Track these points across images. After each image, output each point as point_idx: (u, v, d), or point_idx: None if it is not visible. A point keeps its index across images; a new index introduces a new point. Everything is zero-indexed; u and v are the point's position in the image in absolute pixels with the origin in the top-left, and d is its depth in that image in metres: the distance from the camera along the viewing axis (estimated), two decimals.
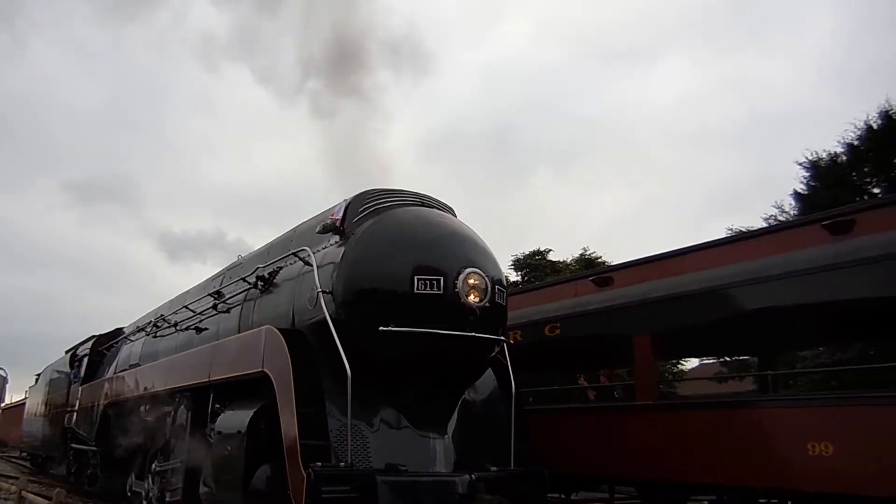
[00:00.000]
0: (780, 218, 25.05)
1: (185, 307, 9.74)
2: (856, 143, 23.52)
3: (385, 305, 5.95)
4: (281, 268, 7.54)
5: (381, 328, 5.81)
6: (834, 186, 23.20)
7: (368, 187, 6.97)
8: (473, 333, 5.97)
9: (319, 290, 6.14)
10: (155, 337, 10.99)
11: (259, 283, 7.68)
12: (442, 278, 5.91)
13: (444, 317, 5.91)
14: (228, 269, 9.59)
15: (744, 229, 25.03)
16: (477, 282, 5.97)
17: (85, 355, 14.63)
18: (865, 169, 23.71)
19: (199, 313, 9.28)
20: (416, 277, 5.88)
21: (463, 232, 6.41)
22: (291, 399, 5.73)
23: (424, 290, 5.87)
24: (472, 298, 5.94)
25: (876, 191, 22.56)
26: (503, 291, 6.35)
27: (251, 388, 6.75)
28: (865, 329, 9.86)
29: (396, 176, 7.08)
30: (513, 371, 6.67)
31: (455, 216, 7.05)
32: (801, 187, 24.84)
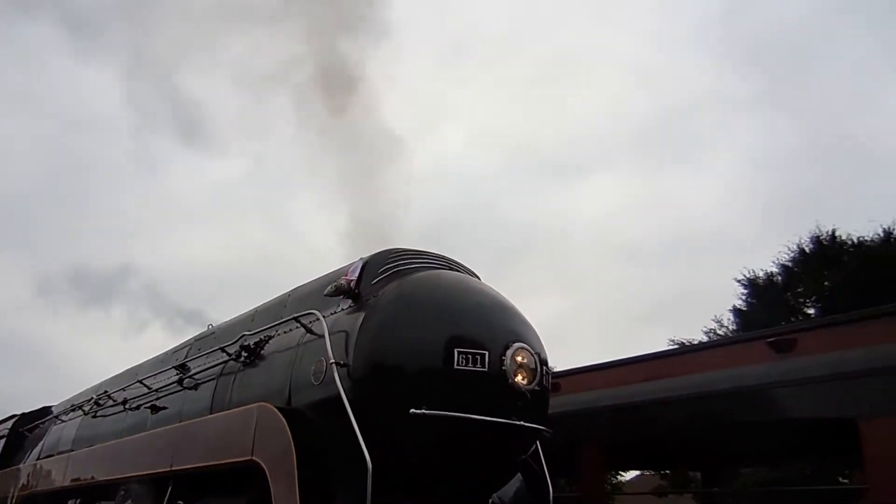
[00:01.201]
0: (720, 332, 25.14)
1: (140, 382, 8.15)
2: (790, 264, 23.98)
3: (416, 383, 4.81)
4: (271, 337, 6.27)
5: (412, 410, 4.60)
6: (771, 304, 23.42)
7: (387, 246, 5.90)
8: (522, 422, 4.82)
9: (332, 360, 4.92)
10: (95, 417, 9.23)
11: (242, 354, 6.33)
12: (487, 353, 4.84)
13: (489, 400, 4.81)
14: (197, 339, 8.16)
15: (685, 341, 24.87)
16: (526, 360, 4.92)
17: (2, 436, 12.38)
18: (799, 290, 24.06)
19: (157, 390, 7.77)
20: (456, 351, 4.76)
21: (505, 301, 5.40)
22: (295, 496, 4.41)
23: (466, 366, 4.77)
24: (520, 379, 4.90)
25: (810, 311, 22.88)
26: (549, 374, 5.26)
27: (226, 483, 5.36)
28: (804, 448, 9.73)
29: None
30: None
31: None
32: (739, 303, 25.01)
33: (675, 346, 22.10)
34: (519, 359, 4.88)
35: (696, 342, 23.60)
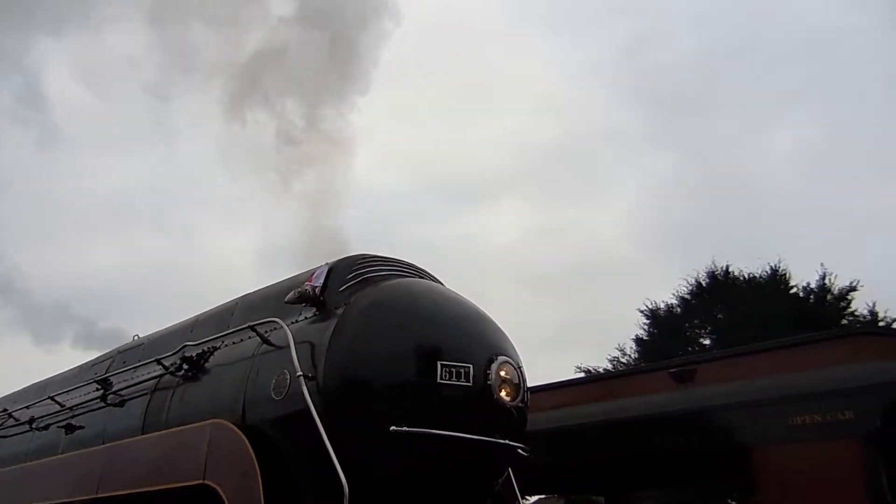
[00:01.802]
0: (623, 360, 25.71)
1: (51, 399, 7.22)
2: (688, 297, 24.90)
3: (395, 398, 4.42)
4: (217, 348, 5.66)
5: (392, 428, 4.18)
6: (670, 335, 24.20)
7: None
8: (507, 441, 4.50)
9: (300, 373, 4.44)
10: None
11: (183, 366, 5.68)
12: (471, 367, 4.48)
13: (473, 416, 4.46)
14: (121, 351, 7.33)
15: (592, 369, 25.26)
16: (509, 375, 4.63)
17: None
18: (696, 321, 25.00)
19: (72, 407, 6.88)
20: (439, 364, 4.40)
21: (483, 312, 5.12)
22: None
23: (450, 380, 4.41)
24: (504, 395, 4.58)
25: (706, 342, 23.81)
26: (528, 390, 4.97)
27: None
28: (701, 473, 9.94)
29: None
30: None
31: None
32: (641, 332, 25.69)
33: (582, 375, 22.46)
34: (503, 373, 4.58)
35: (602, 369, 24.08)
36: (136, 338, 7.37)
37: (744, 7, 45.44)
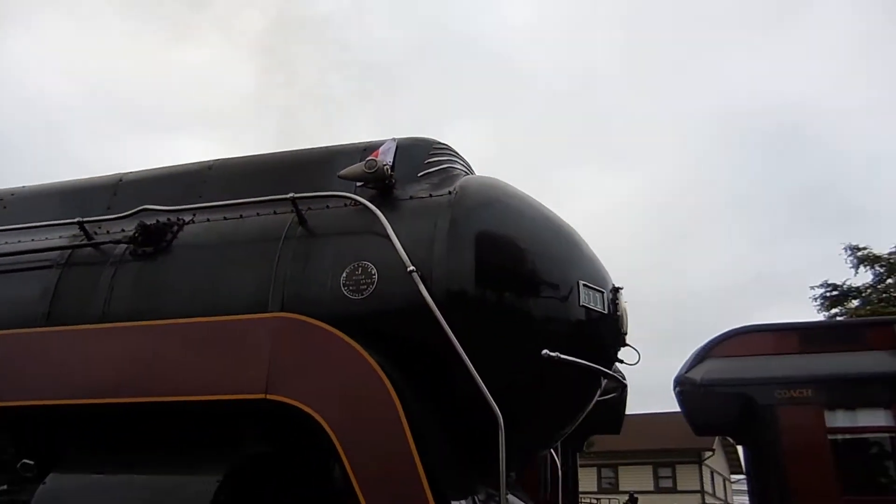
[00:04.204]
0: None
1: None
2: None
3: (541, 317, 3.41)
4: (184, 221, 3.93)
5: (545, 352, 3.24)
6: None
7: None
8: (625, 381, 3.83)
9: (412, 268, 3.23)
10: None
11: (138, 237, 3.82)
12: (603, 293, 3.68)
13: (605, 348, 3.67)
14: None
15: None
16: (625, 307, 3.89)
17: None
18: None
19: None
20: (581, 284, 3.54)
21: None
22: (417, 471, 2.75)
23: (590, 304, 3.56)
24: (624, 329, 3.84)
25: None
26: None
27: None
28: None
29: None
30: None
31: None
32: None
33: None
34: (624, 304, 3.85)
35: None
36: None
37: None
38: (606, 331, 3.68)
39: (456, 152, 4.26)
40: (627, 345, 3.87)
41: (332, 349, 3.00)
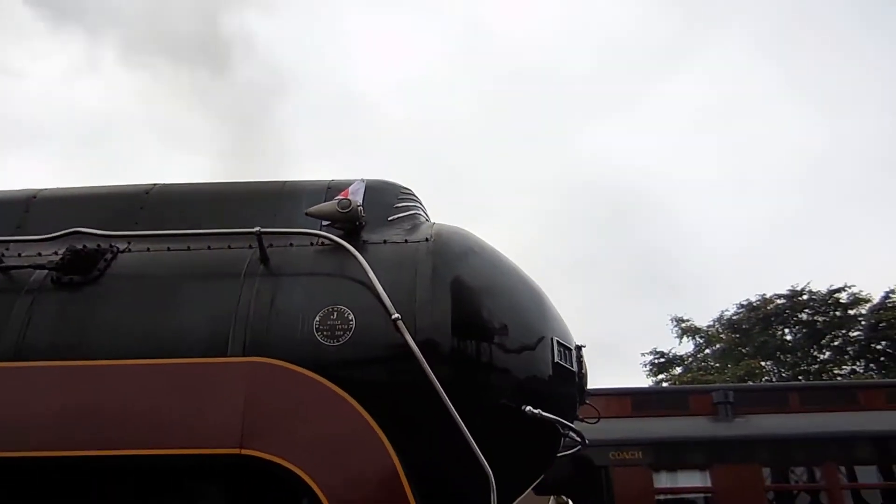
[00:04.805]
0: None
1: None
2: None
3: (521, 372, 3.35)
4: (119, 249, 3.50)
5: (528, 409, 3.17)
6: None
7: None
8: (586, 440, 3.80)
9: (396, 316, 3.07)
10: None
11: (65, 263, 3.33)
12: (573, 350, 3.68)
13: (574, 406, 3.64)
14: None
15: None
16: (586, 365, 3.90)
17: None
18: None
19: None
20: (554, 340, 3.51)
21: None
22: None
23: (562, 361, 3.54)
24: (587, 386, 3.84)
25: None
26: None
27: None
28: None
29: None
30: None
31: None
32: None
33: None
34: (586, 363, 3.84)
35: None
36: None
37: None
38: (575, 388, 3.63)
39: (419, 199, 4.13)
40: (588, 403, 3.86)
41: (318, 399, 2.69)
